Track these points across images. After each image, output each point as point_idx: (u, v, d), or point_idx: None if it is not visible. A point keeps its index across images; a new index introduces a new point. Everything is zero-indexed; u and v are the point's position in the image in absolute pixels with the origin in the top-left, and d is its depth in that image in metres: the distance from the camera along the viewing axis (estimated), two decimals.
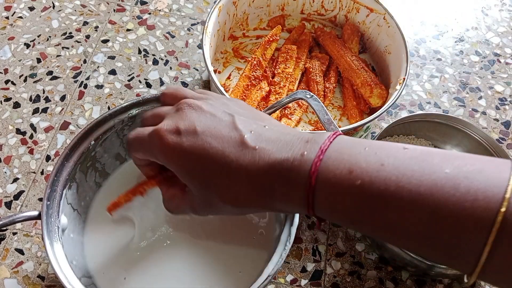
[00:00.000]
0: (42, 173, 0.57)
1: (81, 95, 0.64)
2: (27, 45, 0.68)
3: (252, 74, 0.62)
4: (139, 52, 0.69)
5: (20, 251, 0.52)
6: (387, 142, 0.29)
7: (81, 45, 0.68)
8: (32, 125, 0.61)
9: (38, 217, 0.39)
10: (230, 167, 0.30)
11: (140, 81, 0.66)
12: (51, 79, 0.65)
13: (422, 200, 0.25)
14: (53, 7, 0.72)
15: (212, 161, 0.30)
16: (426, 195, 0.25)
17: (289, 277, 0.53)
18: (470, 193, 0.24)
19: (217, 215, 0.34)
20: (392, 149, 0.28)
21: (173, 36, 0.71)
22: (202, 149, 0.30)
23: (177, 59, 0.68)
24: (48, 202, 0.40)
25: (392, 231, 0.27)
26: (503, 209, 0.23)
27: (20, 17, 0.71)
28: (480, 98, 0.69)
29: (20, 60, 0.66)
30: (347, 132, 0.54)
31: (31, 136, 0.60)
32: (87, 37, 0.69)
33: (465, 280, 0.51)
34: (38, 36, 0.69)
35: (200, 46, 0.70)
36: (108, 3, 0.73)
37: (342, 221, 0.29)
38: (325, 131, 0.30)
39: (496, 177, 0.24)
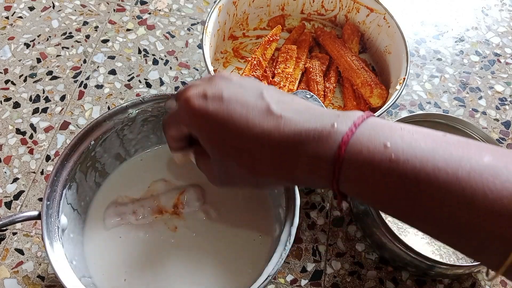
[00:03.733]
0: (42, 173, 0.57)
1: (81, 95, 0.64)
2: (27, 45, 0.68)
3: (252, 74, 0.62)
4: (139, 52, 0.69)
5: (20, 251, 0.52)
6: (422, 127, 0.27)
7: (81, 45, 0.68)
8: (32, 125, 0.61)
9: (38, 217, 0.39)
10: (252, 131, 0.29)
11: (140, 81, 0.66)
12: (51, 79, 0.65)
13: (459, 184, 0.24)
14: (53, 7, 0.72)
15: (234, 126, 0.30)
16: (464, 180, 0.23)
17: (289, 277, 0.53)
18: (508, 183, 0.23)
19: (234, 187, 0.33)
20: (429, 133, 0.27)
21: (173, 36, 0.71)
22: (226, 114, 0.30)
23: (177, 59, 0.68)
24: (48, 202, 0.40)
25: (422, 215, 0.26)
26: None
27: (20, 17, 0.71)
28: (480, 98, 0.69)
29: (20, 60, 0.66)
30: None
31: (31, 136, 0.60)
32: (87, 37, 0.69)
33: (485, 276, 0.50)
34: (38, 36, 0.69)
35: (200, 46, 0.70)
36: (108, 3, 0.73)
37: (368, 199, 0.28)
38: (358, 111, 0.29)
39: None
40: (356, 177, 0.27)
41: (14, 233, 0.53)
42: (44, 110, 0.62)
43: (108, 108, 0.63)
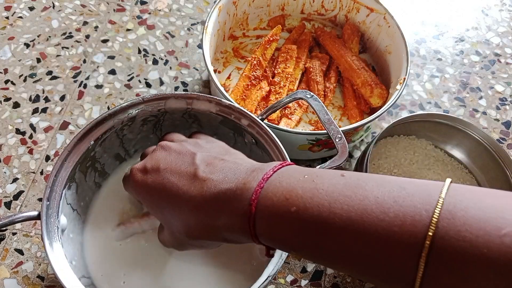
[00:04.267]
0: (41, 173, 0.57)
1: (80, 95, 0.64)
2: (27, 45, 0.68)
3: (252, 74, 0.62)
4: (139, 52, 0.69)
5: (20, 251, 0.52)
6: (329, 170, 0.29)
7: (81, 45, 0.68)
8: (31, 125, 0.61)
9: (38, 217, 0.39)
10: (181, 198, 0.32)
11: (140, 81, 0.66)
12: (51, 79, 0.65)
13: (352, 225, 0.25)
14: (53, 7, 0.72)
15: (168, 194, 0.33)
16: (357, 220, 0.25)
17: (289, 278, 0.53)
18: (398, 217, 0.24)
19: (186, 250, 0.37)
20: (330, 175, 0.28)
21: (173, 36, 0.71)
22: (161, 184, 0.34)
23: (177, 59, 0.68)
24: (48, 202, 0.40)
25: (329, 257, 0.27)
26: (430, 233, 0.23)
27: (20, 17, 0.71)
28: (481, 98, 0.69)
29: (20, 60, 0.66)
30: (347, 132, 0.54)
31: (31, 136, 0.60)
32: (87, 37, 0.69)
33: None
34: (38, 36, 0.69)
35: (200, 46, 0.70)
36: (108, 3, 0.73)
37: (284, 248, 0.30)
38: (275, 161, 0.32)
39: (425, 201, 0.24)
40: (268, 230, 0.29)
41: (14, 233, 0.53)
42: (44, 110, 0.62)
43: (108, 108, 0.63)
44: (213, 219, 0.31)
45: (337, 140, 0.46)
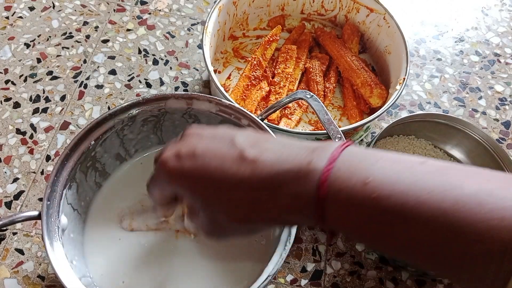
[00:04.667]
0: (42, 173, 0.57)
1: (81, 95, 0.64)
2: (27, 45, 0.68)
3: (252, 74, 0.62)
4: (139, 52, 0.69)
5: (20, 251, 0.52)
6: (401, 155, 0.27)
7: (81, 45, 0.68)
8: (32, 125, 0.61)
9: (38, 217, 0.39)
10: (230, 181, 0.29)
11: (140, 81, 0.66)
12: (51, 79, 0.65)
13: (444, 216, 0.23)
14: (53, 7, 0.72)
15: (212, 179, 0.30)
16: (448, 211, 0.23)
17: (289, 277, 0.53)
18: (495, 211, 0.22)
19: (228, 238, 0.33)
20: (408, 162, 0.26)
21: (173, 36, 0.71)
22: (201, 169, 0.30)
23: (177, 59, 0.68)
24: (48, 202, 0.40)
25: (411, 249, 0.25)
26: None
27: (20, 17, 0.71)
28: (480, 98, 0.69)
29: (20, 60, 0.66)
30: (347, 132, 0.54)
31: (31, 136, 0.60)
32: (87, 37, 0.69)
33: None
34: (38, 36, 0.69)
35: (200, 46, 0.70)
36: (108, 3, 0.73)
37: (356, 235, 0.28)
38: (334, 141, 0.29)
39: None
40: (340, 215, 0.27)
41: (14, 233, 0.53)
42: (44, 110, 0.62)
43: (108, 108, 0.63)
44: (271, 202, 0.28)
45: (336, 140, 0.46)
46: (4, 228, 0.49)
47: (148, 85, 0.66)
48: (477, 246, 0.23)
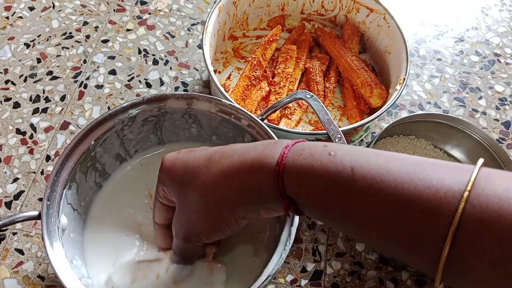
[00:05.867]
0: (42, 173, 0.57)
1: (81, 95, 0.64)
2: (27, 45, 0.68)
3: (252, 74, 0.62)
4: (139, 52, 0.69)
5: (20, 251, 0.52)
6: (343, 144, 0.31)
7: (81, 45, 0.68)
8: (32, 125, 0.61)
9: (38, 217, 0.39)
10: (201, 178, 0.34)
11: (140, 81, 0.66)
12: (51, 79, 0.65)
13: (391, 177, 0.26)
14: (53, 7, 0.72)
15: (191, 169, 0.35)
16: (394, 173, 0.26)
17: (289, 277, 0.53)
18: (433, 186, 0.25)
19: (223, 231, 0.36)
20: (347, 146, 0.30)
21: (173, 36, 0.71)
22: (187, 161, 0.36)
23: (177, 59, 0.68)
24: (48, 202, 0.40)
25: (357, 218, 0.28)
26: (461, 205, 0.24)
27: (20, 17, 0.71)
28: (480, 98, 0.69)
29: (20, 60, 0.66)
30: (347, 132, 0.54)
31: (31, 136, 0.60)
32: (87, 37, 0.69)
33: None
34: (38, 36, 0.69)
35: (200, 46, 0.70)
36: (108, 3, 0.73)
37: (314, 207, 0.30)
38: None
39: (459, 173, 0.25)
40: (297, 188, 0.30)
41: (14, 233, 0.53)
42: (44, 110, 0.62)
43: (108, 108, 0.63)
44: (241, 189, 0.32)
45: (336, 140, 0.46)
46: (4, 228, 0.50)
47: (148, 85, 0.66)
48: (416, 213, 0.25)
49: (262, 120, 0.47)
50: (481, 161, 0.26)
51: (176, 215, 0.38)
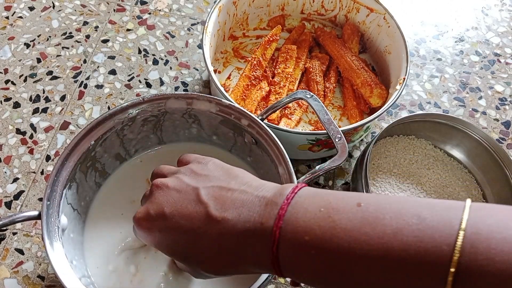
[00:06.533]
0: (42, 173, 0.57)
1: (81, 95, 0.64)
2: (27, 45, 0.68)
3: (252, 74, 0.62)
4: (139, 52, 0.69)
5: (20, 251, 0.52)
6: (345, 197, 0.29)
7: (81, 45, 0.68)
8: (32, 125, 0.61)
9: (38, 217, 0.39)
10: (202, 242, 0.32)
11: (140, 81, 0.66)
12: (51, 79, 0.65)
13: (374, 264, 0.25)
14: (53, 7, 0.72)
15: (185, 239, 0.32)
16: (378, 258, 0.25)
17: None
18: (420, 254, 0.24)
19: (210, 278, 0.36)
20: (346, 207, 0.28)
21: (173, 36, 0.71)
22: (173, 231, 0.33)
23: (177, 59, 0.68)
24: (48, 202, 0.40)
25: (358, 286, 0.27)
26: (452, 269, 0.23)
27: (20, 17, 0.71)
28: (480, 98, 0.69)
29: (20, 60, 0.66)
30: (347, 132, 0.54)
31: (31, 136, 0.60)
32: (87, 37, 0.69)
33: None
34: (38, 36, 0.69)
35: (200, 46, 0.70)
36: (108, 3, 0.73)
37: (308, 283, 0.30)
38: (287, 186, 0.32)
39: (446, 233, 0.24)
40: (291, 268, 0.29)
41: (14, 233, 0.53)
42: (44, 110, 0.62)
43: (108, 108, 0.63)
44: (240, 257, 0.31)
45: (336, 140, 0.46)
46: (4, 228, 0.50)
47: (148, 85, 0.66)
48: (408, 284, 0.25)
49: (262, 120, 0.47)
50: (468, 204, 0.25)
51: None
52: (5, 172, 0.57)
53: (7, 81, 0.64)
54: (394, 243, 0.25)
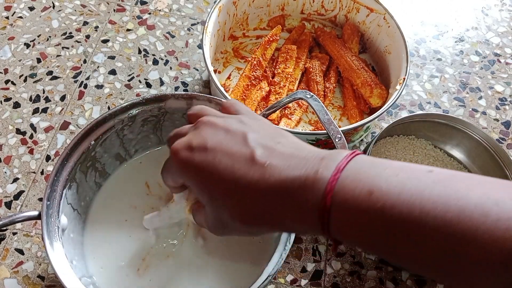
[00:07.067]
0: (42, 173, 0.57)
1: (81, 95, 0.64)
2: (27, 45, 0.68)
3: (252, 74, 0.62)
4: (139, 52, 0.69)
5: (20, 251, 0.52)
6: (409, 163, 0.27)
7: (81, 45, 0.68)
8: (32, 125, 0.61)
9: (38, 217, 0.39)
10: (238, 183, 0.29)
11: (140, 81, 0.66)
12: (51, 79, 0.65)
13: (448, 227, 0.23)
14: (53, 7, 0.72)
15: (221, 177, 0.30)
16: (453, 222, 0.23)
17: (289, 277, 0.53)
18: (501, 221, 0.22)
19: (230, 235, 0.33)
20: (415, 171, 0.26)
21: (173, 36, 0.71)
22: (212, 165, 0.30)
23: (177, 59, 0.68)
24: (48, 202, 0.40)
25: (413, 259, 0.25)
26: None
27: (20, 17, 0.71)
28: (480, 98, 0.69)
29: (20, 60, 0.66)
30: (347, 132, 0.54)
31: (31, 136, 0.60)
32: (87, 37, 0.69)
33: None
34: (38, 36, 0.69)
35: (200, 46, 0.70)
36: (108, 3, 0.73)
37: (360, 244, 0.27)
38: (343, 149, 0.29)
39: None
40: (345, 226, 0.26)
41: (14, 233, 0.53)
42: (44, 110, 0.62)
43: (108, 108, 0.63)
44: (278, 208, 0.28)
45: (336, 140, 0.46)
46: (4, 228, 0.50)
47: (148, 85, 0.66)
48: (480, 257, 0.22)
49: None
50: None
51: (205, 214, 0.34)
52: (5, 172, 0.57)
53: (7, 81, 0.64)
54: (472, 207, 0.23)
